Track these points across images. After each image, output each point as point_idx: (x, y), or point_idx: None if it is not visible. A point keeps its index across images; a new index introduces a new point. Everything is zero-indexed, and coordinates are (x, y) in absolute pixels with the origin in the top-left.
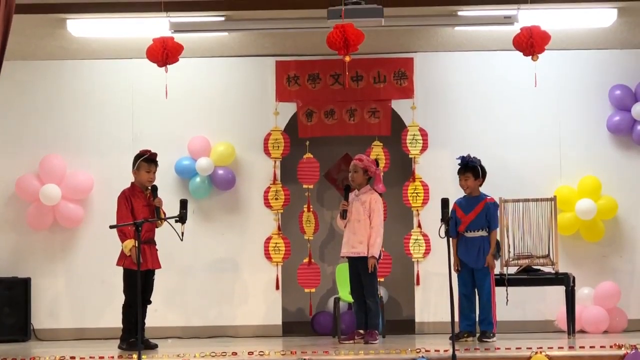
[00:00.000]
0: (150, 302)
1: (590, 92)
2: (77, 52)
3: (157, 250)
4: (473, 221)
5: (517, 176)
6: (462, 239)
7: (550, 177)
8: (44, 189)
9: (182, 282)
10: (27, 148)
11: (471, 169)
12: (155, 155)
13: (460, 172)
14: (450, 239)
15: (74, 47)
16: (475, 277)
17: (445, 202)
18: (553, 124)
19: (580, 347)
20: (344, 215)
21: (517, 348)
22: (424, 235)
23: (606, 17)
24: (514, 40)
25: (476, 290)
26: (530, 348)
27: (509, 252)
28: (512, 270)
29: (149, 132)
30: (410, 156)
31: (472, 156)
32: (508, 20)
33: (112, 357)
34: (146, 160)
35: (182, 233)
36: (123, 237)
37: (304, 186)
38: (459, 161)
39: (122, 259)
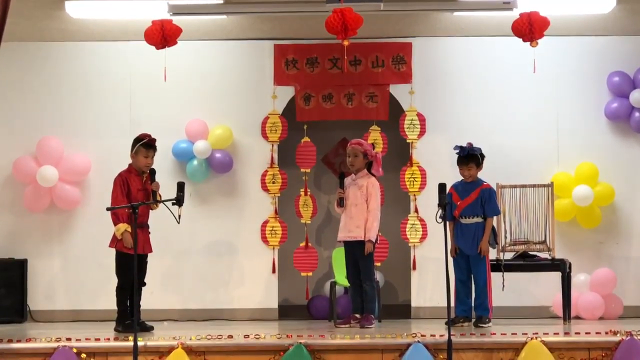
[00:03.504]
0: (144, 284)
1: (588, 79)
2: (75, 34)
3: (149, 233)
4: (468, 207)
5: (515, 162)
6: (457, 225)
7: (548, 163)
8: (41, 170)
9: (178, 265)
10: (25, 130)
11: (473, 158)
12: (154, 140)
13: (462, 162)
14: (447, 223)
15: (72, 29)
16: (470, 263)
17: (442, 187)
18: (551, 110)
19: (575, 333)
20: (341, 202)
21: (512, 333)
22: (421, 220)
23: (605, 3)
24: (513, 25)
25: (472, 275)
26: (526, 334)
27: (505, 237)
28: (509, 255)
29: (147, 115)
30: (407, 141)
31: (472, 145)
32: (507, 5)
33: (108, 339)
34: (145, 145)
35: (179, 216)
36: (116, 220)
37: (301, 170)
38: (457, 151)
39: (115, 241)
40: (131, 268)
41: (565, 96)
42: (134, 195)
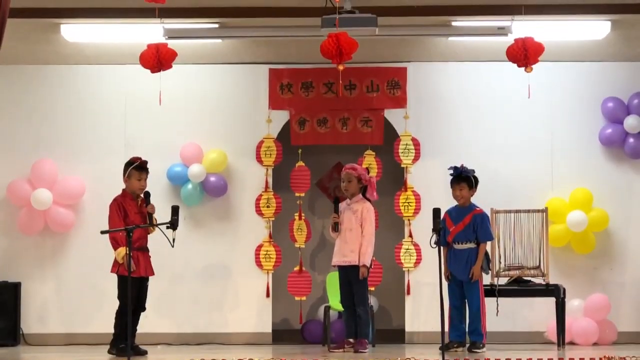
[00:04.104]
0: (144, 309)
1: (583, 104)
2: (70, 57)
3: (150, 257)
4: (460, 232)
5: (509, 187)
6: (450, 251)
7: (542, 188)
8: (36, 193)
9: (172, 289)
10: (19, 152)
11: (465, 179)
12: (145, 162)
13: (454, 182)
14: (442, 248)
15: (68, 52)
16: (464, 288)
17: (436, 212)
18: (545, 135)
19: (569, 359)
20: (335, 227)
21: (506, 359)
22: (415, 245)
23: (600, 29)
24: (508, 51)
25: (465, 301)
26: (520, 359)
27: (499, 262)
28: (503, 281)
29: (141, 138)
30: (402, 166)
31: (465, 166)
32: (502, 31)
33: None
34: (137, 168)
35: (173, 239)
36: (115, 244)
37: (296, 194)
38: (451, 171)
39: (116, 265)
40: (131, 291)
41: (559, 121)
42: (132, 219)
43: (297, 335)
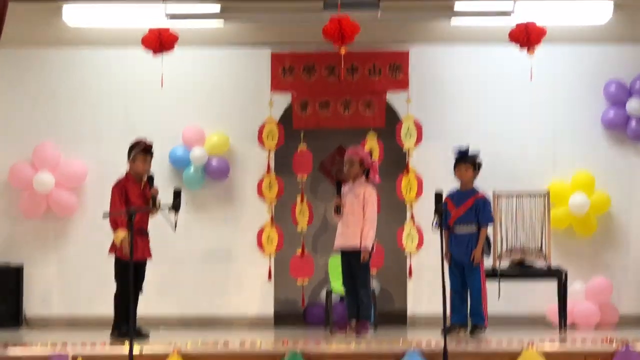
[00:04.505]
0: (142, 291)
1: (585, 87)
2: (72, 40)
3: (149, 240)
4: (462, 216)
5: (511, 170)
6: (452, 234)
7: (544, 171)
8: (38, 176)
9: (175, 272)
10: (21, 135)
11: (471, 160)
12: (150, 145)
13: (460, 162)
14: (443, 231)
15: (69, 36)
16: (465, 272)
17: (438, 196)
18: (547, 118)
19: (571, 342)
20: (338, 210)
21: (508, 342)
22: (417, 228)
23: (602, 11)
24: (510, 33)
25: (467, 284)
26: (522, 342)
27: (501, 245)
28: (505, 264)
29: (144, 121)
30: (404, 149)
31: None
32: (504, 13)
33: (104, 344)
34: (142, 150)
35: (176, 222)
36: (115, 226)
37: (298, 177)
38: (456, 151)
39: (114, 247)
40: (129, 274)
41: (561, 104)
42: (133, 202)
43: (299, 318)
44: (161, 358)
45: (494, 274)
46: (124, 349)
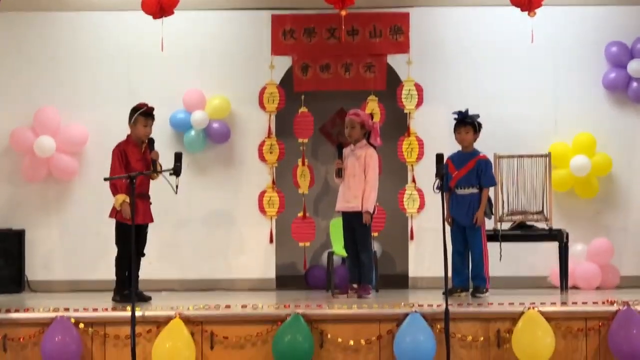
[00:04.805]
0: (143, 255)
1: (586, 49)
2: (72, 3)
3: (150, 204)
4: (463, 177)
5: (512, 132)
6: (453, 196)
7: (545, 133)
8: (39, 141)
9: (176, 236)
10: (22, 100)
11: (470, 122)
12: (152, 109)
13: (460, 125)
14: (444, 193)
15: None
16: (466, 233)
17: (439, 158)
18: (549, 80)
19: (572, 303)
20: (339, 173)
21: (509, 303)
22: (418, 191)
23: None
24: None
25: (468, 246)
26: (523, 303)
27: (502, 208)
28: (506, 226)
29: (144, 85)
30: (405, 111)
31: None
32: None
33: (106, 309)
34: (143, 114)
35: (177, 186)
36: (115, 190)
37: (299, 140)
38: (456, 115)
39: (115, 211)
40: (130, 238)
41: (563, 66)
42: (133, 165)
43: (301, 281)
44: (163, 322)
45: (495, 235)
46: (126, 313)
